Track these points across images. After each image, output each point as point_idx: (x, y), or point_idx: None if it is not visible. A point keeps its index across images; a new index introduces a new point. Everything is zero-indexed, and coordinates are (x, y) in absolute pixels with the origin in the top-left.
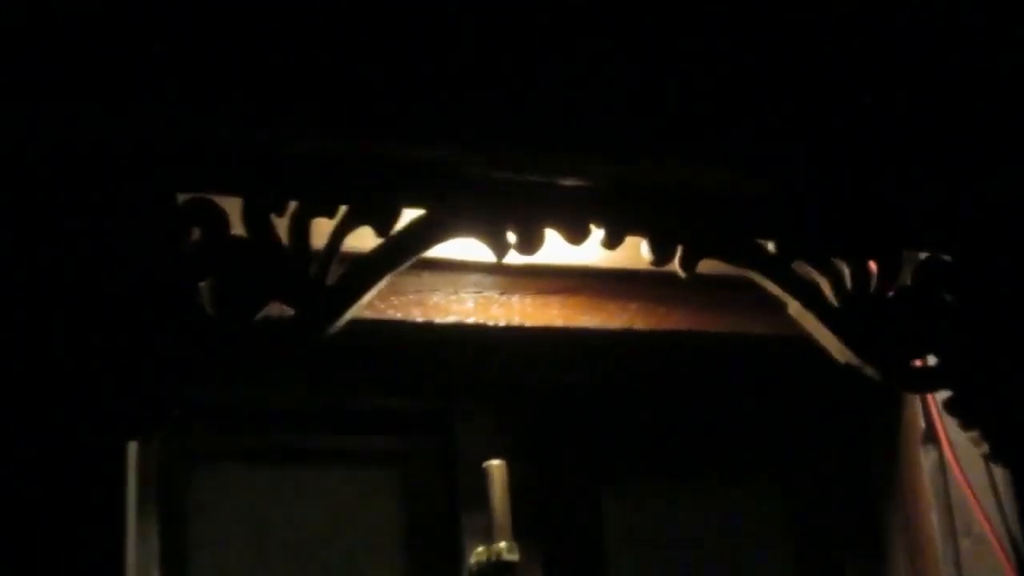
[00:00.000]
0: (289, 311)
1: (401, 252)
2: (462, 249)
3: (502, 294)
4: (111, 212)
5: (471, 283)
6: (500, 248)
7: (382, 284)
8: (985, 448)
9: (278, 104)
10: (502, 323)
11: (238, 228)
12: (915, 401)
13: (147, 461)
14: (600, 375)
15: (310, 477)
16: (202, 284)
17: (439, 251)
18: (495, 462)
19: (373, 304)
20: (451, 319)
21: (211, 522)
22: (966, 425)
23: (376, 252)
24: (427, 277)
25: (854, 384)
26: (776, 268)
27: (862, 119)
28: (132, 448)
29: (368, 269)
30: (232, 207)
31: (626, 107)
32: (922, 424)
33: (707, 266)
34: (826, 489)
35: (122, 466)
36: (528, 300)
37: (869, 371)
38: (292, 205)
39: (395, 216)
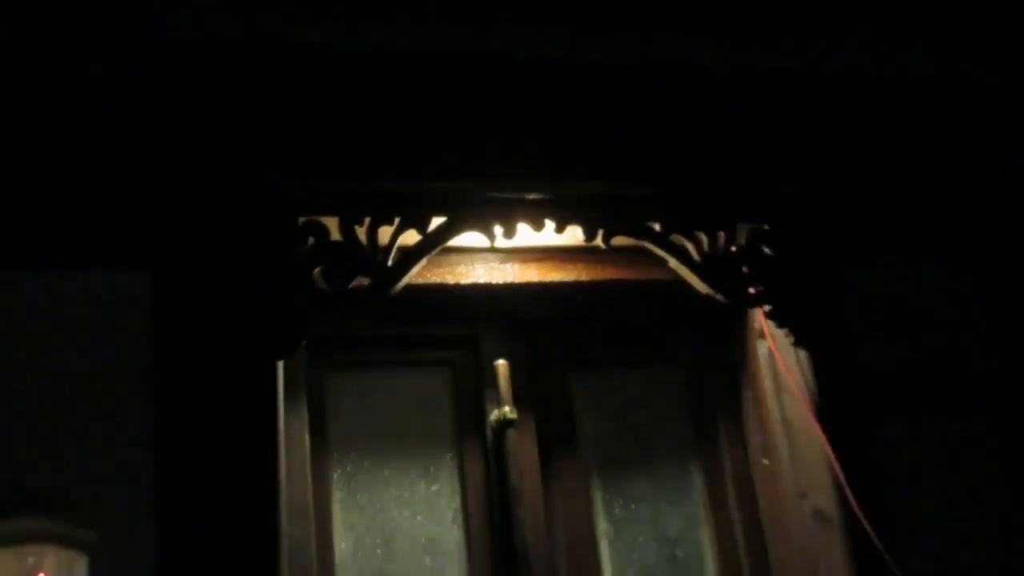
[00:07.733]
0: (367, 282)
1: (432, 244)
2: (473, 240)
3: (501, 263)
4: (264, 232)
5: (480, 259)
6: (491, 237)
7: (423, 263)
8: (792, 339)
9: (352, 160)
10: (501, 281)
11: (335, 235)
12: (756, 313)
13: (297, 375)
14: (562, 308)
15: (393, 378)
16: (315, 270)
17: (460, 242)
18: (501, 361)
19: (422, 274)
20: (470, 281)
21: (344, 414)
22: (779, 325)
23: (417, 245)
24: (453, 256)
25: (721, 306)
26: (661, 239)
27: (705, 146)
28: (280, 365)
29: (412, 255)
30: (331, 223)
31: (560, 147)
32: (758, 327)
33: (621, 241)
34: (708, 372)
35: (274, 377)
36: (517, 267)
37: (720, 297)
38: (367, 220)
39: (428, 222)
